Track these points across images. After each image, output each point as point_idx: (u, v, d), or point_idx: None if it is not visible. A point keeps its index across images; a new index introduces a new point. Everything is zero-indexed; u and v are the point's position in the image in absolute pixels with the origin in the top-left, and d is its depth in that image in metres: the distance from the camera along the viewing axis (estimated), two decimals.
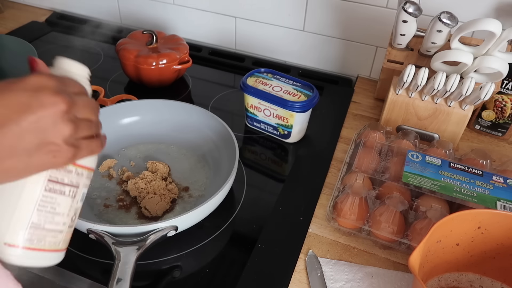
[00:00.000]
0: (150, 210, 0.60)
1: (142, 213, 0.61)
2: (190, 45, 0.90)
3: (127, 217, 0.61)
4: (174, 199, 0.63)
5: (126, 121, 0.73)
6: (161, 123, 0.74)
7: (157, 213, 0.60)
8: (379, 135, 0.68)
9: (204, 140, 0.71)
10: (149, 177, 0.64)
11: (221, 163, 0.67)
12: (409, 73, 0.66)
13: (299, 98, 0.71)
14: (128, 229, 0.51)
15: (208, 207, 0.56)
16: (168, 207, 0.61)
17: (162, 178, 0.65)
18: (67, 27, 1.08)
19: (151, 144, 0.73)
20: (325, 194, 0.66)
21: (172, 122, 0.73)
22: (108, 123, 0.69)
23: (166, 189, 0.63)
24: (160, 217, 0.60)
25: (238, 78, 0.94)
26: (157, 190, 0.62)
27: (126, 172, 0.66)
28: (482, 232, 0.50)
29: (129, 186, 0.63)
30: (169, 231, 0.52)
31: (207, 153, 0.70)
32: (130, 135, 0.73)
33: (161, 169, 0.66)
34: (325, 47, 0.94)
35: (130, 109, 0.74)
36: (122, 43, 0.86)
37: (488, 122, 0.78)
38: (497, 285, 0.53)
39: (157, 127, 0.74)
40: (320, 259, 0.56)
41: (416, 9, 0.66)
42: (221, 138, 0.68)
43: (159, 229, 0.52)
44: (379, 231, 0.55)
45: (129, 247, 0.49)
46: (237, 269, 0.55)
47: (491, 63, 0.64)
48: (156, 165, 0.67)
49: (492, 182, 0.58)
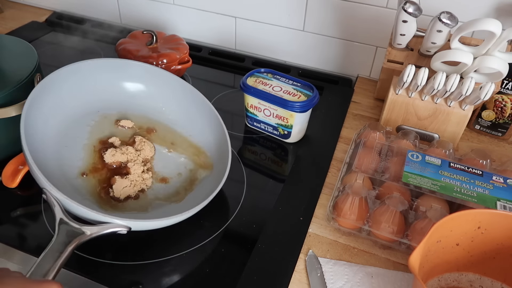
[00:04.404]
0: (114, 190, 0.59)
1: (106, 189, 0.59)
2: (190, 45, 0.90)
3: (88, 182, 0.58)
4: (144, 189, 0.61)
5: (128, 84, 0.71)
6: (167, 101, 0.71)
7: (120, 196, 0.58)
8: (379, 135, 0.68)
9: (204, 141, 0.70)
10: (130, 155, 0.62)
11: (214, 170, 0.65)
12: (409, 73, 0.66)
13: (299, 98, 0.71)
14: (79, 210, 0.49)
15: (171, 221, 0.53)
16: (133, 195, 0.60)
17: (142, 161, 0.63)
18: (67, 27, 1.08)
19: (148, 119, 0.70)
20: (325, 194, 0.66)
21: (176, 106, 0.71)
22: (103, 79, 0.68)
23: (141, 175, 0.61)
24: (121, 201, 0.59)
25: (238, 78, 0.94)
26: (131, 173, 0.60)
27: (111, 136, 0.64)
28: (482, 232, 0.50)
29: (107, 154, 0.62)
30: (122, 229, 0.50)
31: (204, 155, 0.69)
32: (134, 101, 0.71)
33: (146, 150, 0.64)
34: (325, 47, 0.94)
35: (134, 73, 0.71)
36: (122, 43, 0.86)
37: (488, 122, 0.78)
38: (497, 285, 0.53)
39: (161, 103, 0.71)
40: (320, 259, 0.56)
41: (416, 9, 0.66)
42: (219, 152, 0.66)
43: (112, 224, 0.49)
44: (379, 231, 0.55)
45: (74, 230, 0.47)
46: (237, 269, 0.54)
47: (491, 63, 0.64)
48: (143, 144, 0.65)
49: (492, 182, 0.58)
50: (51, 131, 0.61)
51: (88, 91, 0.67)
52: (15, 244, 0.56)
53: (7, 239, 0.57)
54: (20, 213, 0.61)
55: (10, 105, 0.63)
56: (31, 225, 0.59)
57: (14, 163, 0.64)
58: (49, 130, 0.60)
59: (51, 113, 0.61)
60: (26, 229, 0.59)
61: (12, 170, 0.64)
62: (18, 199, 0.63)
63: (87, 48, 1.01)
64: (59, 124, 0.62)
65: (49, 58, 0.97)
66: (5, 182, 0.63)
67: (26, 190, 0.64)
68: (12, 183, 0.63)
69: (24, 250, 0.56)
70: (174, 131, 0.71)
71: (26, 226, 0.59)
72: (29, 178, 0.64)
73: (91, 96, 0.67)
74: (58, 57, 0.97)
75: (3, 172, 0.63)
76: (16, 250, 0.56)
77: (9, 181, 0.63)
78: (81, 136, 0.64)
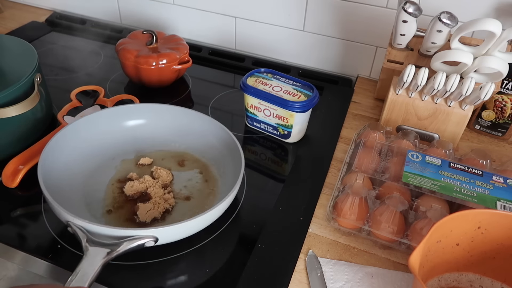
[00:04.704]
0: (139, 215, 0.59)
1: (132, 218, 0.59)
2: (190, 45, 0.90)
3: (113, 218, 0.59)
4: (168, 209, 0.61)
5: (133, 123, 0.72)
6: (169, 128, 0.72)
7: (146, 220, 0.58)
8: (379, 135, 0.68)
9: (211, 152, 0.69)
10: (149, 182, 0.63)
11: (227, 176, 0.65)
12: (409, 73, 0.66)
13: (299, 98, 0.71)
14: (102, 229, 0.49)
15: (194, 224, 0.53)
16: (159, 216, 0.60)
17: (162, 186, 0.64)
18: (67, 27, 1.08)
19: (159, 151, 0.72)
20: (325, 194, 0.66)
21: (181, 129, 0.72)
22: (114, 124, 0.70)
23: (163, 197, 0.62)
24: (148, 225, 0.59)
25: (238, 78, 0.94)
26: (152, 196, 0.61)
27: (130, 172, 0.66)
28: (482, 232, 0.50)
29: (126, 187, 0.62)
30: (147, 240, 0.50)
31: (214, 165, 0.68)
32: (138, 137, 0.72)
33: (164, 176, 0.65)
34: (325, 47, 0.94)
35: (135, 112, 0.72)
36: (122, 43, 0.86)
37: (488, 122, 0.78)
38: (497, 285, 0.53)
39: (165, 132, 0.72)
40: (320, 259, 0.56)
41: (416, 9, 0.66)
42: (230, 152, 0.66)
43: (136, 237, 0.49)
44: (379, 231, 0.55)
45: (99, 248, 0.47)
46: (237, 269, 0.54)
47: (491, 63, 0.64)
48: (159, 172, 0.66)
49: (492, 182, 0.58)
50: (73, 177, 0.63)
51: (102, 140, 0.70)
52: (15, 244, 0.56)
53: (7, 239, 0.57)
54: (20, 213, 0.61)
55: (10, 105, 0.63)
56: (31, 225, 0.59)
57: (14, 163, 0.64)
58: (72, 177, 0.62)
59: (70, 163, 0.63)
60: (26, 229, 0.59)
61: (12, 170, 0.64)
62: (18, 199, 0.63)
63: (87, 48, 1.01)
64: (82, 174, 0.64)
65: (49, 58, 0.97)
66: (5, 182, 0.63)
67: (26, 190, 0.64)
68: (12, 183, 0.63)
69: (24, 250, 0.56)
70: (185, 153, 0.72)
71: (26, 226, 0.59)
72: (29, 178, 0.64)
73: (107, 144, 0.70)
74: (58, 57, 0.97)
75: (3, 172, 0.63)
76: (16, 250, 0.56)
77: (9, 181, 0.63)
78: (104, 180, 0.65)
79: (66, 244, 0.56)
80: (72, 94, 0.80)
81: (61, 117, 0.75)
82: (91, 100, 0.81)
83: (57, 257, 0.55)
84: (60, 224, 0.59)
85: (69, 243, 0.56)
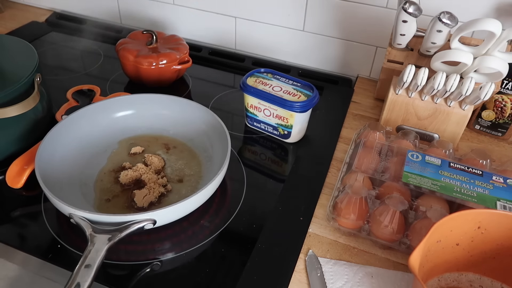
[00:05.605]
0: (137, 201, 0.61)
1: (130, 204, 0.61)
2: (190, 45, 0.90)
3: (113, 206, 0.61)
4: (163, 193, 0.63)
5: (121, 114, 0.75)
6: (156, 116, 0.75)
7: (143, 205, 0.61)
8: (379, 135, 0.68)
9: (198, 135, 0.72)
10: (142, 170, 0.65)
11: (215, 157, 0.68)
12: (409, 73, 0.66)
13: (299, 98, 0.71)
14: (103, 217, 0.52)
15: (189, 203, 0.56)
16: (155, 200, 0.62)
17: (155, 172, 0.66)
18: (67, 27, 1.08)
19: (148, 136, 0.74)
20: (325, 194, 0.66)
21: (168, 116, 0.75)
22: (104, 117, 0.73)
23: (157, 182, 0.64)
24: (146, 209, 0.61)
25: (238, 78, 0.94)
26: (147, 182, 0.63)
27: (123, 162, 0.68)
28: (482, 232, 0.50)
29: (121, 176, 0.65)
30: (146, 223, 0.53)
31: (201, 147, 0.71)
32: (127, 127, 0.74)
33: (156, 162, 0.67)
34: (325, 47, 0.94)
35: (122, 103, 0.75)
36: (122, 43, 0.86)
37: (488, 122, 0.78)
38: (497, 285, 0.53)
39: (152, 120, 0.75)
40: (320, 259, 0.56)
41: (416, 9, 0.66)
42: (215, 133, 0.69)
43: (135, 221, 0.52)
44: (379, 231, 0.55)
45: (103, 235, 0.50)
46: (237, 269, 0.54)
47: (491, 63, 0.64)
48: (151, 158, 0.68)
49: (492, 182, 0.58)
50: (70, 172, 0.65)
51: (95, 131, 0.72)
52: (15, 244, 0.56)
53: (7, 239, 0.57)
54: (20, 213, 0.61)
55: (10, 105, 0.63)
56: (31, 225, 0.59)
57: (19, 163, 0.64)
58: (68, 171, 0.65)
59: (64, 158, 0.66)
60: (26, 229, 0.59)
61: (17, 170, 0.64)
62: (18, 199, 0.63)
63: (87, 48, 1.01)
64: (73, 165, 0.66)
65: (49, 58, 0.97)
66: (10, 183, 0.63)
67: (28, 190, 0.64)
68: (17, 183, 0.63)
69: (24, 250, 0.56)
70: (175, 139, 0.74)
71: (26, 226, 0.59)
72: (29, 178, 0.64)
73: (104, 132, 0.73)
74: (58, 57, 0.97)
75: (8, 173, 0.63)
76: (16, 250, 0.56)
77: (14, 182, 0.63)
78: (100, 171, 0.68)
79: (66, 244, 0.56)
80: (68, 94, 0.81)
81: (60, 116, 0.75)
82: (87, 99, 0.81)
83: (57, 257, 0.55)
84: (60, 224, 0.59)
85: (69, 243, 0.56)
